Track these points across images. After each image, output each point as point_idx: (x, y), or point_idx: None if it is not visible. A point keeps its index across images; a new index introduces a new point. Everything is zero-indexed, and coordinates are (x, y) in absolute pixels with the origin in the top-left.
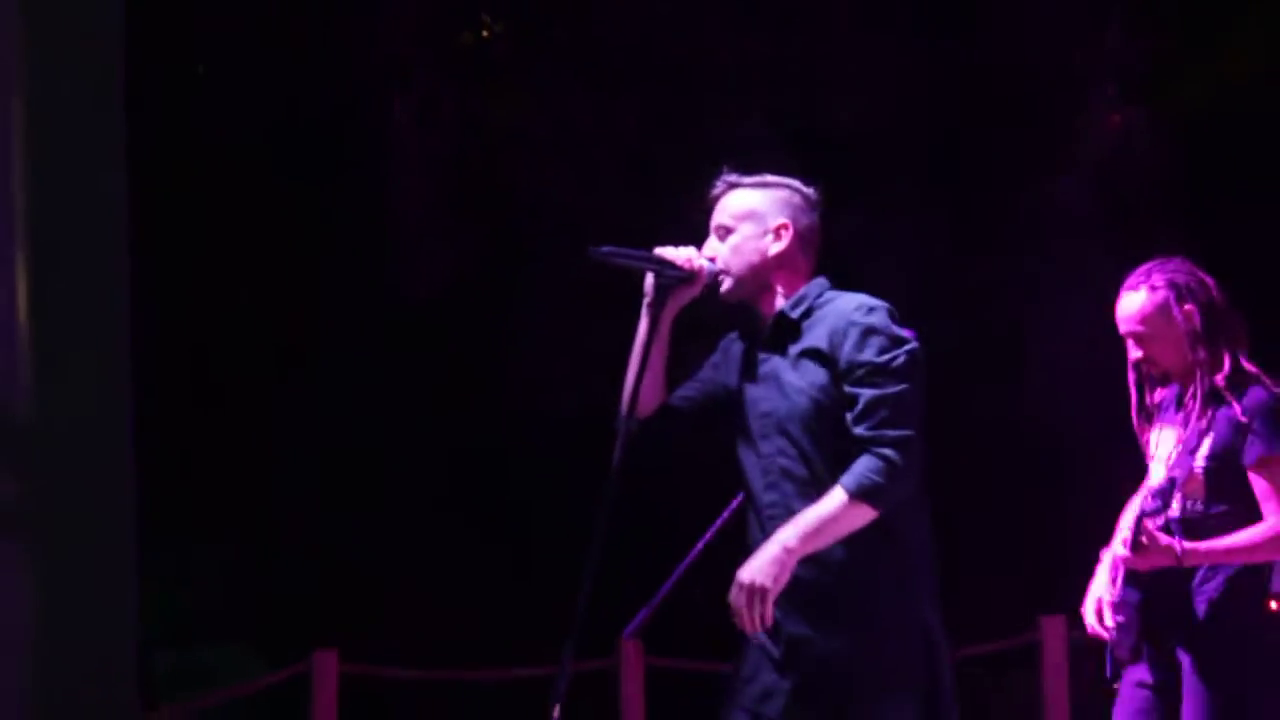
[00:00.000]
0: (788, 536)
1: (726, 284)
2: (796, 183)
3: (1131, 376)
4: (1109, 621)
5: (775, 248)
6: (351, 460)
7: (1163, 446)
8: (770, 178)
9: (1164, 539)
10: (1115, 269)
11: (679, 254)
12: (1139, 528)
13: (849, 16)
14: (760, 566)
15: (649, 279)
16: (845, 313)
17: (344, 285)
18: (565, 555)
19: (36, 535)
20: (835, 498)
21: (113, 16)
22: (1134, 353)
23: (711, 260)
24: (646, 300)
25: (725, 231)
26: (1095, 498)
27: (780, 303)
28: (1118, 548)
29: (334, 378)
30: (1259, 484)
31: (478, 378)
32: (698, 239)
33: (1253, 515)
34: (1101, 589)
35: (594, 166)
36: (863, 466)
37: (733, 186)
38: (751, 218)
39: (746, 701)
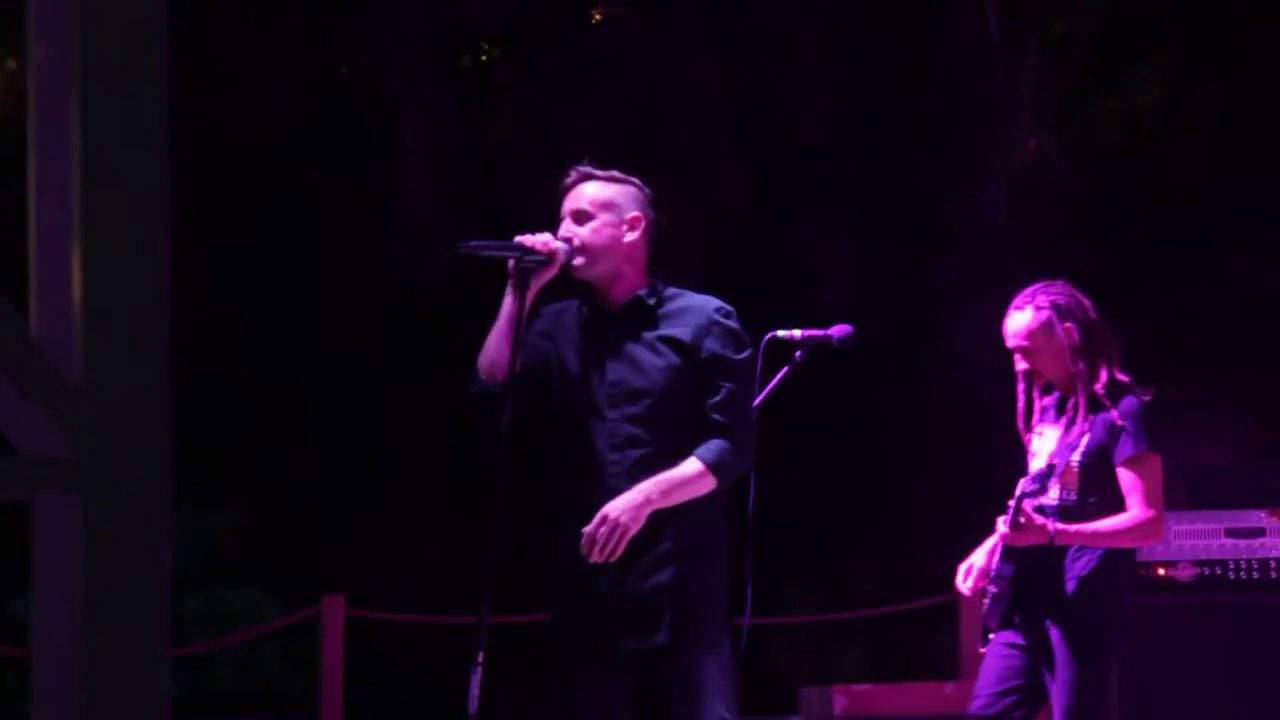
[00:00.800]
0: (649, 489)
1: (580, 263)
2: (639, 181)
3: (1020, 385)
4: (971, 583)
5: (629, 237)
6: (359, 429)
7: (1045, 443)
8: (617, 174)
9: (1039, 519)
10: (1027, 275)
11: (537, 240)
12: (1018, 508)
13: (809, 42)
14: (626, 508)
15: (511, 264)
16: (708, 311)
17: (352, 274)
18: (545, 516)
19: (86, 487)
20: (692, 466)
21: (158, 25)
22: (1021, 364)
23: (567, 241)
24: (510, 282)
25: (583, 216)
26: (1010, 479)
27: (627, 287)
28: (999, 525)
29: (342, 359)
30: (1127, 478)
31: (473, 359)
32: (658, 237)
33: (1119, 507)
34: (978, 558)
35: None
36: (719, 446)
37: (587, 177)
38: (610, 207)
39: (583, 642)
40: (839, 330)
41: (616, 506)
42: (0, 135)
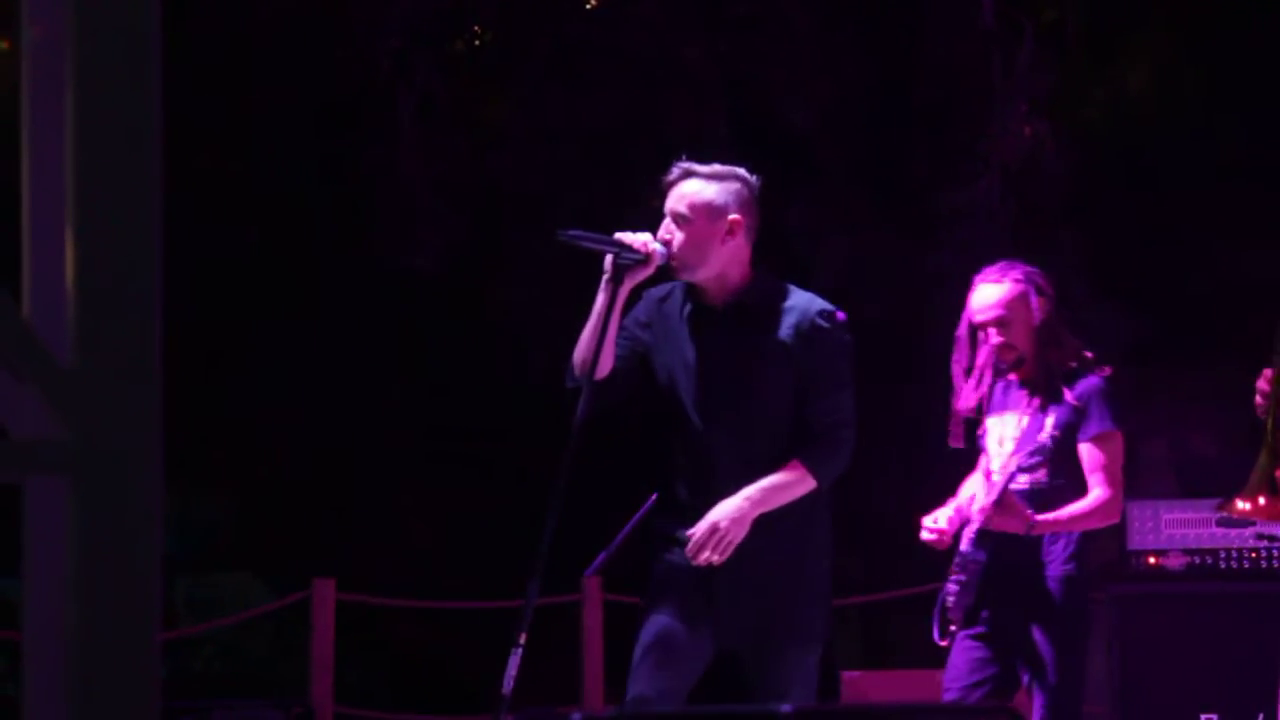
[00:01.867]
0: (754, 495)
1: (680, 269)
2: (744, 173)
3: (987, 362)
4: (935, 537)
5: (729, 241)
6: (351, 413)
7: (1005, 429)
8: (721, 168)
9: (1020, 506)
10: (1019, 260)
11: (636, 238)
12: (1006, 486)
13: (802, 28)
14: (733, 515)
15: (608, 259)
16: (810, 314)
17: (344, 258)
18: (538, 501)
19: (78, 471)
20: (794, 471)
21: (152, 8)
22: (994, 339)
23: (665, 244)
24: (606, 277)
25: (682, 219)
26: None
27: (729, 288)
28: (981, 498)
29: (332, 343)
30: (1093, 456)
31: (462, 343)
32: (658, 225)
33: (1083, 489)
34: (948, 513)
35: (569, 159)
36: (820, 449)
37: (688, 175)
38: (708, 211)
39: (674, 633)
40: None
41: (723, 514)
42: None
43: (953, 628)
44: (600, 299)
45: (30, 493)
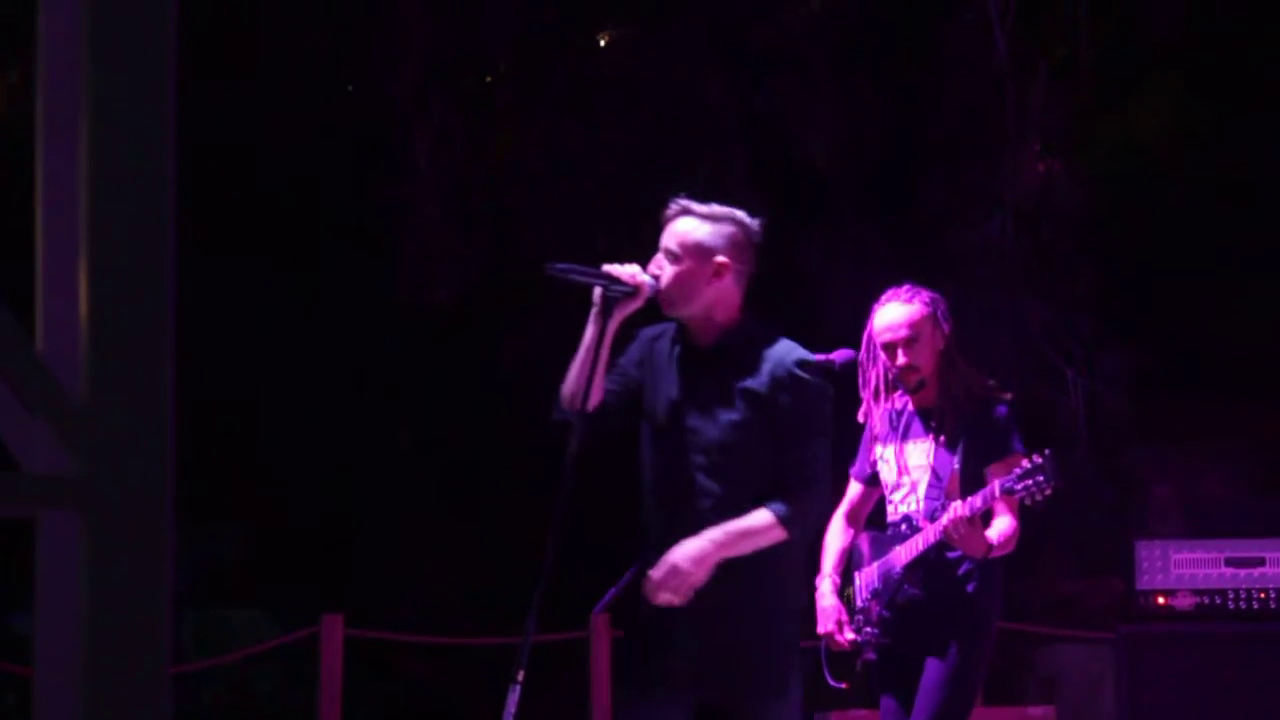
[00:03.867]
0: (718, 538)
1: (665, 304)
2: (742, 215)
3: (878, 382)
4: (856, 634)
5: (715, 283)
6: (361, 449)
7: (909, 459)
8: (719, 209)
9: (982, 531)
10: (1032, 299)
11: (625, 271)
12: (984, 506)
13: (818, 66)
14: (692, 556)
15: (597, 292)
16: (787, 363)
17: (361, 293)
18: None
19: (89, 506)
20: (761, 518)
21: (167, 42)
22: (900, 359)
23: (655, 278)
24: (595, 310)
25: (672, 256)
26: None
27: (714, 330)
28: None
29: (345, 378)
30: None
31: (478, 377)
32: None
33: (987, 515)
34: (832, 608)
35: (583, 193)
36: (791, 501)
37: (685, 212)
38: (698, 251)
39: (649, 680)
40: (841, 355)
41: (683, 555)
42: (8, 150)
43: (859, 664)
44: (590, 331)
45: (42, 528)
